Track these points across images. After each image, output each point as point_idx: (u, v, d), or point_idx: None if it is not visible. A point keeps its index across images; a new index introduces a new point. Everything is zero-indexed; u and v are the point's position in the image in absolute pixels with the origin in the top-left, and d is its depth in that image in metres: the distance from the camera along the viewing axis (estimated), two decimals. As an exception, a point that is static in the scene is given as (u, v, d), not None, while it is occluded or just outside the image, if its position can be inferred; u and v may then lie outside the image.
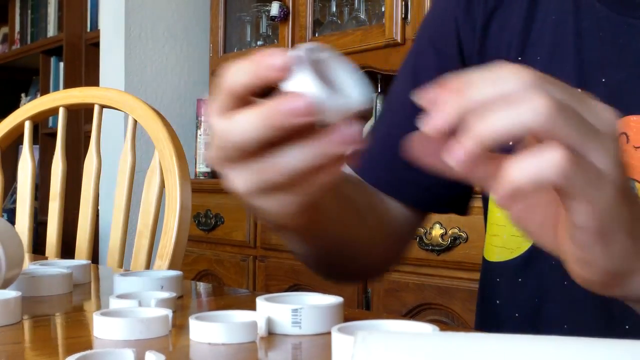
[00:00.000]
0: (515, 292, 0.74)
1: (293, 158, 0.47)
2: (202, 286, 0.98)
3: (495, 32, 0.75)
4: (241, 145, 0.47)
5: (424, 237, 1.75)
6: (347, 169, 0.79)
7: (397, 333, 0.34)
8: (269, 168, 0.47)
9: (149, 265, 1.20)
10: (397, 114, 0.80)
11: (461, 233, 1.69)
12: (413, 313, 1.80)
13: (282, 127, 0.45)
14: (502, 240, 0.75)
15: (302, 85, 0.45)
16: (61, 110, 1.33)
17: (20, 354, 0.56)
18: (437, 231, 1.74)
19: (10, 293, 0.63)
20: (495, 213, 0.75)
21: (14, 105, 3.76)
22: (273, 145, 0.47)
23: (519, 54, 0.73)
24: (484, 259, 0.79)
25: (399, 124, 0.78)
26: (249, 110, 0.46)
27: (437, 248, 1.73)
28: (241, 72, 0.46)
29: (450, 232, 1.71)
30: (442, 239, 1.72)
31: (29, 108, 1.37)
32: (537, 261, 0.72)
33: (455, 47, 0.78)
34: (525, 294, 0.73)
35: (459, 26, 0.77)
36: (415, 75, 0.81)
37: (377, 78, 2.30)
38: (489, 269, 0.78)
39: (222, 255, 2.39)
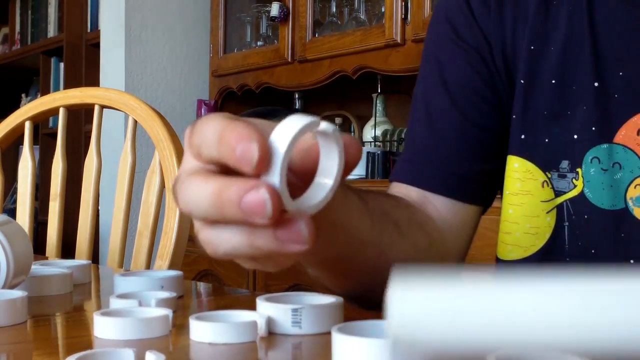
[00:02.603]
0: None
1: (230, 241, 0.41)
2: (202, 286, 0.98)
3: (509, 18, 0.74)
4: (193, 213, 0.42)
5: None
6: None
7: (432, 288, 0.35)
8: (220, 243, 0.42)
9: (149, 265, 1.20)
10: (428, 111, 0.78)
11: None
12: (413, 313, 1.79)
13: (231, 218, 0.40)
14: (515, 237, 0.74)
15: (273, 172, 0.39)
16: (61, 111, 1.33)
17: (20, 354, 0.56)
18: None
19: (16, 293, 0.63)
20: (508, 210, 0.74)
21: (15, 105, 3.76)
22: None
23: (532, 43, 0.72)
24: (497, 258, 0.78)
25: (435, 121, 0.76)
26: (202, 183, 0.40)
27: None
28: (208, 145, 0.40)
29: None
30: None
31: (29, 108, 1.37)
32: (551, 259, 0.72)
33: (476, 30, 0.75)
34: None
35: (474, 12, 0.75)
36: (440, 70, 0.77)
37: (377, 78, 2.30)
38: (503, 268, 0.76)
39: (222, 256, 2.38)
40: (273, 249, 0.40)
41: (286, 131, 0.39)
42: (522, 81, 0.72)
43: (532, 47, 0.72)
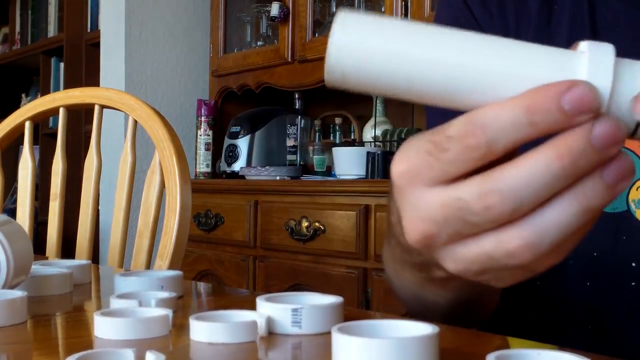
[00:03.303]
0: (533, 294, 0.74)
1: (560, 219, 0.36)
2: (202, 286, 0.98)
3: (512, 22, 0.74)
4: (499, 216, 0.36)
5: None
6: None
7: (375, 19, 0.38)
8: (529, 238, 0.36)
9: (149, 265, 1.20)
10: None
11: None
12: (413, 313, 1.79)
13: (587, 166, 0.35)
14: None
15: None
16: (61, 111, 1.33)
17: (20, 354, 0.56)
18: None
19: (16, 293, 0.63)
20: None
21: (15, 105, 3.76)
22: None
23: None
24: None
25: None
26: (529, 162, 0.35)
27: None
28: (506, 124, 0.35)
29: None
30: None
31: (30, 108, 1.37)
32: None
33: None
34: (543, 296, 0.73)
35: (478, 19, 0.76)
36: None
37: (377, 78, 2.30)
38: None
39: (222, 255, 2.39)
40: (605, 198, 0.36)
41: (601, 65, 0.36)
42: None
43: None
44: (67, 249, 1.33)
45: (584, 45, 0.38)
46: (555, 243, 0.36)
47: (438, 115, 0.76)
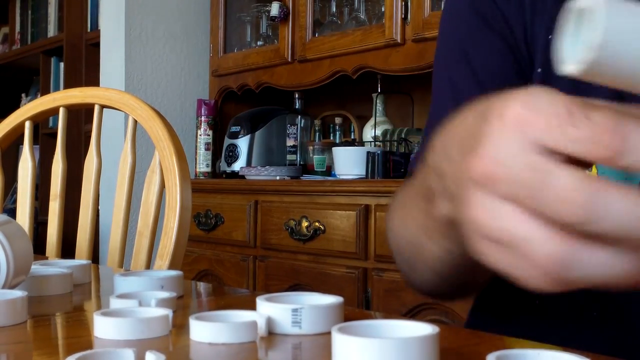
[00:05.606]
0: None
1: (609, 266, 0.34)
2: (202, 286, 0.98)
3: (529, 10, 0.74)
4: (565, 218, 0.33)
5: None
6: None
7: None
8: None
9: (149, 265, 1.20)
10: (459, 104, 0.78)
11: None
12: (413, 313, 1.80)
13: None
14: None
15: None
16: (61, 110, 1.33)
17: (20, 354, 0.56)
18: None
19: (16, 293, 0.63)
20: None
21: (15, 105, 3.76)
22: None
23: (549, 32, 0.72)
24: None
25: None
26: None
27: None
28: None
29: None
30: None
31: (29, 108, 1.37)
32: None
33: (500, 18, 0.74)
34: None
35: (497, 1, 0.75)
36: (469, 61, 0.76)
37: (377, 78, 2.30)
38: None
39: (222, 255, 2.39)
40: None
41: None
42: (539, 70, 0.72)
43: (550, 37, 0.72)
44: (67, 249, 1.33)
45: None
46: (577, 281, 0.34)
47: (439, 117, 0.76)
